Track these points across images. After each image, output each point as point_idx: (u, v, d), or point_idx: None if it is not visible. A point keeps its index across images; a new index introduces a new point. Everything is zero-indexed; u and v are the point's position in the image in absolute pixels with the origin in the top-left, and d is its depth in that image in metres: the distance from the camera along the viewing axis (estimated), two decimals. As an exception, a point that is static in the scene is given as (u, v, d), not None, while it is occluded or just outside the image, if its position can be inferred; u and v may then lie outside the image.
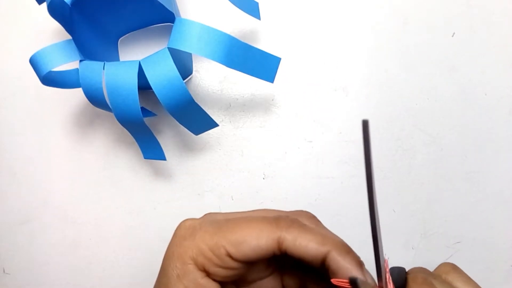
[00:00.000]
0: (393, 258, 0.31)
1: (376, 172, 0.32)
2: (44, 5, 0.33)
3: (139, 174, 0.32)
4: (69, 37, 0.28)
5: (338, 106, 0.33)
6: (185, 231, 0.20)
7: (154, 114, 0.32)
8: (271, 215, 0.21)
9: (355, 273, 0.18)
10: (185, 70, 0.31)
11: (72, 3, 0.27)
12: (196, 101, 0.26)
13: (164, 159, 0.30)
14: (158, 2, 0.26)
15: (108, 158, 0.33)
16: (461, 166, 0.32)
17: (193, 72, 0.34)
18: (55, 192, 0.33)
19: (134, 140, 0.30)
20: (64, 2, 0.27)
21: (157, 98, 0.25)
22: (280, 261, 0.23)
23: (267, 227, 0.19)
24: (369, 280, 0.19)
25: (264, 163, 0.32)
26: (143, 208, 0.32)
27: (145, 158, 0.30)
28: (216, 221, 0.20)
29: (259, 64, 0.26)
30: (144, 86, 0.27)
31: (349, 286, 0.18)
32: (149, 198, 0.32)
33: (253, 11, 0.31)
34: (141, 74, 0.24)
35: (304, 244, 0.19)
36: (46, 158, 0.33)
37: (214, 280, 0.19)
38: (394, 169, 0.32)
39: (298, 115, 0.33)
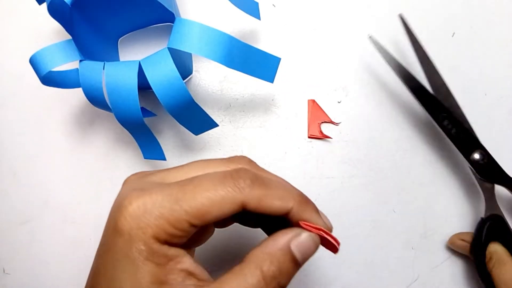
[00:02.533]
0: (393, 258, 0.31)
1: (376, 172, 0.32)
2: (44, 5, 0.33)
3: (139, 174, 0.32)
4: (69, 37, 0.28)
5: (338, 106, 0.33)
6: (136, 211, 0.19)
7: (154, 114, 0.32)
8: (219, 168, 0.21)
9: (316, 220, 0.20)
10: (185, 70, 0.31)
11: (72, 3, 0.27)
12: (196, 101, 0.26)
13: (164, 159, 0.30)
14: (158, 2, 0.26)
15: (108, 158, 0.33)
16: (461, 166, 0.32)
17: (193, 72, 0.34)
18: (55, 192, 0.33)
19: (134, 140, 0.30)
20: (64, 2, 0.27)
21: (157, 98, 0.25)
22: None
23: (228, 193, 0.19)
24: (326, 221, 0.21)
25: (264, 163, 0.32)
26: (143, 208, 0.32)
27: (145, 158, 0.30)
28: (169, 192, 0.19)
29: (259, 64, 0.26)
30: (144, 86, 0.27)
31: (316, 230, 0.20)
32: (149, 198, 0.32)
33: (253, 11, 0.31)
34: (141, 74, 0.24)
35: (268, 204, 0.19)
36: (46, 158, 0.33)
37: (177, 246, 0.19)
38: (394, 169, 0.32)
39: (298, 115, 0.33)
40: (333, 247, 0.21)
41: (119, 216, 0.19)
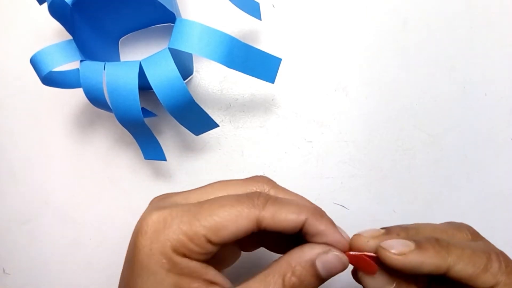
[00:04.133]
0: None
1: (376, 172, 0.32)
2: (45, 5, 0.33)
3: (139, 174, 0.32)
4: (70, 37, 0.28)
5: (338, 106, 0.33)
6: (156, 225, 0.20)
7: (154, 115, 0.32)
8: (239, 191, 0.21)
9: (332, 233, 0.20)
10: (185, 70, 0.31)
11: (73, 3, 0.27)
12: (196, 101, 0.26)
13: (165, 159, 0.30)
14: (159, 2, 0.26)
15: (108, 158, 0.33)
16: (461, 166, 0.32)
17: (194, 73, 0.34)
18: (55, 192, 0.33)
19: (134, 140, 0.30)
20: (65, 2, 0.27)
21: (157, 98, 0.25)
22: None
23: (244, 209, 0.20)
24: (345, 236, 0.21)
25: (264, 163, 0.32)
26: (143, 208, 0.32)
27: (145, 158, 0.30)
28: (188, 208, 0.20)
29: (260, 64, 0.26)
30: (144, 87, 0.27)
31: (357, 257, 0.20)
32: (149, 198, 0.32)
33: (254, 11, 0.31)
34: (141, 74, 0.24)
35: (282, 218, 0.20)
36: (46, 158, 0.33)
37: (198, 261, 0.20)
38: (394, 169, 0.32)
39: (298, 115, 0.33)
40: (369, 269, 0.21)
41: (140, 233, 0.20)
